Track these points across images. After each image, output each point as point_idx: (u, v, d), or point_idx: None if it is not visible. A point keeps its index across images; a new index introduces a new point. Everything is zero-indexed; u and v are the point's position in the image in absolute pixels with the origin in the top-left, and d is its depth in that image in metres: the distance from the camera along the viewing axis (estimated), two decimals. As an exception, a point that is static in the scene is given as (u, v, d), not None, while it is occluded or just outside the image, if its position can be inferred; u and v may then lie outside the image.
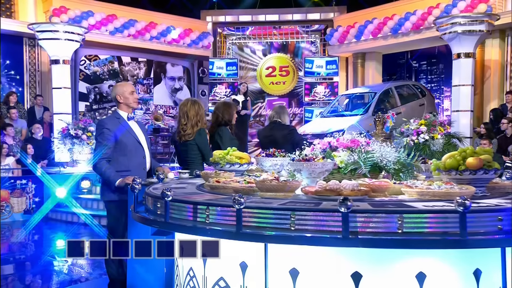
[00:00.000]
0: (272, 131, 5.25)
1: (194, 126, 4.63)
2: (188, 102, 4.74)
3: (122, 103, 4.29)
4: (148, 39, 13.36)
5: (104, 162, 4.06)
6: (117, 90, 4.30)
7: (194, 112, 4.66)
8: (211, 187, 2.99)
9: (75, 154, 9.69)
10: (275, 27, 15.42)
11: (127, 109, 4.34)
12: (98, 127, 4.21)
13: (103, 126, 4.16)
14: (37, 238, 8.08)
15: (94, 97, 12.85)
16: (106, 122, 4.21)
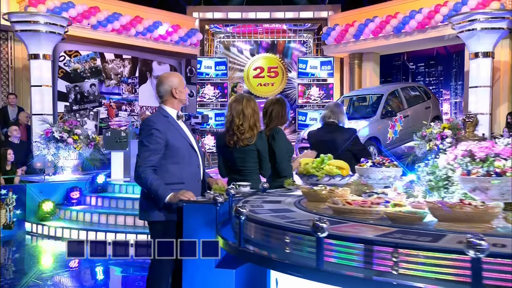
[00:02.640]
0: (330, 135, 4.38)
1: (253, 127, 3.74)
2: (242, 98, 3.84)
3: (176, 99, 3.42)
4: (134, 34, 12.32)
5: (150, 171, 3.17)
6: (173, 82, 3.40)
7: (251, 110, 3.78)
8: (337, 211, 2.13)
9: (60, 160, 8.58)
10: (257, 25, 14.61)
11: (177, 106, 3.47)
12: (145, 127, 3.29)
13: (151, 126, 3.25)
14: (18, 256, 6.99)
15: (74, 96, 11.71)
16: (155, 121, 3.31)
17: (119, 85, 12.43)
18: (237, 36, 14.93)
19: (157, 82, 3.46)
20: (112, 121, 12.29)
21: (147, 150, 3.19)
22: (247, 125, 3.75)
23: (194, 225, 3.04)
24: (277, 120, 4.08)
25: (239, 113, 3.78)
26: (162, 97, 3.41)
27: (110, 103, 12.25)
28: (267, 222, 2.02)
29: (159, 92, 3.41)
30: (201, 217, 3.02)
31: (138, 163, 3.18)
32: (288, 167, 3.97)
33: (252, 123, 3.76)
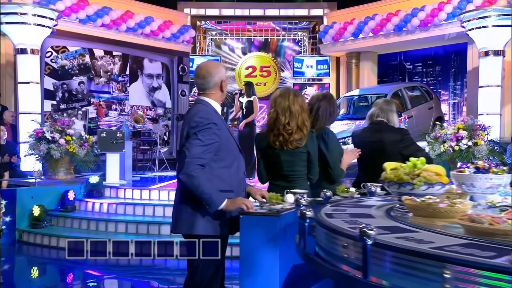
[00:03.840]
0: (377, 135, 3.92)
1: (301, 127, 3.26)
2: (289, 93, 3.35)
3: (222, 92, 3.00)
4: (124, 30, 11.72)
5: (202, 171, 2.69)
6: (222, 73, 2.99)
7: (299, 107, 3.30)
8: (479, 232, 1.67)
9: (53, 162, 7.96)
10: (249, 22, 14.15)
11: (221, 102, 3.03)
12: (198, 120, 2.78)
13: (209, 120, 2.77)
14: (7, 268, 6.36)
15: (62, 95, 11.04)
16: (211, 114, 2.83)
17: (109, 83, 11.79)
18: (230, 34, 14.44)
19: (200, 72, 2.95)
20: (102, 121, 11.65)
21: (201, 145, 2.70)
22: (295, 124, 3.27)
23: (253, 241, 2.56)
24: (325, 118, 3.61)
25: (284, 110, 3.30)
26: (206, 90, 2.93)
27: (99, 102, 11.61)
28: (403, 248, 1.55)
29: (204, 84, 2.92)
30: (261, 232, 2.54)
31: (188, 160, 2.66)
32: (342, 172, 3.52)
33: (300, 122, 3.29)
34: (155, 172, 11.05)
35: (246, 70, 14.67)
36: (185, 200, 2.81)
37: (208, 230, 2.78)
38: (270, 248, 2.51)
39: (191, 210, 2.78)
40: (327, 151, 3.46)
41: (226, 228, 2.84)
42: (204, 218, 2.77)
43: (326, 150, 3.45)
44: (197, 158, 2.66)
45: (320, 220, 2.08)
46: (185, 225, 2.83)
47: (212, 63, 3.07)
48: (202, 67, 2.97)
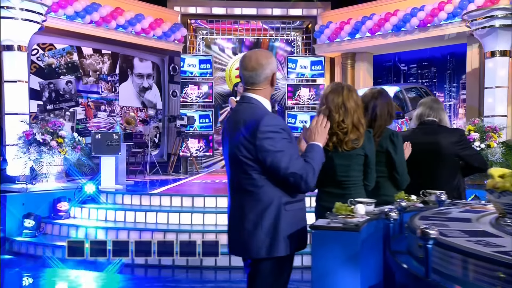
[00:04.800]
0: (432, 137, 3.55)
1: (357, 125, 2.87)
2: (342, 88, 2.95)
3: (272, 87, 2.60)
4: (114, 27, 11.21)
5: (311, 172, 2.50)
6: (274, 65, 2.56)
7: (354, 103, 2.91)
8: None
9: (44, 166, 7.45)
10: (236, 21, 13.78)
11: (269, 98, 2.61)
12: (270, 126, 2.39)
13: (278, 125, 2.42)
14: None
15: (48, 95, 10.47)
16: (276, 118, 2.47)
17: (97, 82, 11.26)
18: (221, 33, 14.03)
19: (248, 64, 2.50)
20: (90, 122, 11.11)
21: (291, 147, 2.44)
22: (350, 122, 2.88)
23: (328, 260, 2.18)
24: (384, 119, 3.23)
25: (338, 107, 2.91)
26: (255, 85, 2.52)
27: (88, 103, 11.07)
28: None
29: (254, 77, 2.50)
30: (339, 249, 2.17)
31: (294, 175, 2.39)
32: (408, 178, 3.16)
33: (356, 120, 2.90)
34: (146, 176, 10.57)
35: (237, 70, 14.25)
36: (258, 220, 2.41)
37: (287, 249, 2.43)
38: (349, 268, 2.14)
39: (267, 231, 2.40)
40: (396, 154, 3.09)
41: (298, 245, 2.50)
42: (283, 237, 2.41)
43: (394, 153, 3.09)
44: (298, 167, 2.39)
45: (432, 237, 1.71)
46: (262, 248, 2.41)
47: (263, 53, 2.60)
48: (251, 58, 2.53)
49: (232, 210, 2.54)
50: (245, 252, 2.46)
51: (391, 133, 3.16)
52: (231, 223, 2.55)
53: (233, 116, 2.59)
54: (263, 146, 2.35)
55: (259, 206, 2.40)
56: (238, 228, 2.48)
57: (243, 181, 2.44)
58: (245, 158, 2.40)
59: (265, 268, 2.43)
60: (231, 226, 2.55)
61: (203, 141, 13.11)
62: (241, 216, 2.46)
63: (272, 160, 2.34)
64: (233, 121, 2.53)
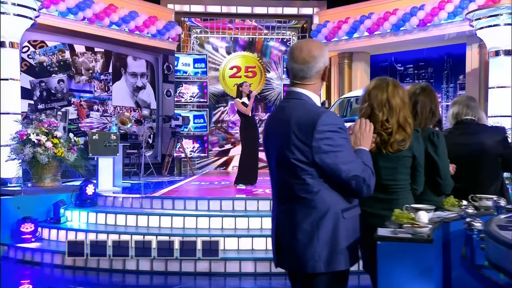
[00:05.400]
0: (473, 137, 3.33)
1: (404, 125, 2.63)
2: (387, 83, 2.71)
3: (323, 82, 2.36)
4: (107, 25, 10.89)
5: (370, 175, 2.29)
6: (326, 57, 2.30)
7: (400, 100, 2.67)
8: None
9: (39, 168, 7.11)
10: (231, 21, 13.54)
11: (318, 94, 2.37)
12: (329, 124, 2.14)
13: (337, 124, 2.17)
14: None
15: (39, 94, 10.10)
16: (336, 116, 2.22)
17: (90, 81, 10.91)
18: (216, 32, 13.77)
19: (299, 55, 2.24)
20: (83, 122, 10.77)
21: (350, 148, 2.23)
22: (395, 121, 2.63)
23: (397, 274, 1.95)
24: (426, 117, 2.99)
25: (382, 104, 2.67)
26: (306, 79, 2.26)
27: (80, 102, 10.72)
28: None
29: (305, 71, 2.24)
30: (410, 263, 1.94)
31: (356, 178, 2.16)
32: (452, 183, 2.92)
33: (402, 119, 2.65)
34: (141, 178, 10.28)
35: (231, 70, 14.04)
36: (314, 230, 2.15)
37: (347, 263, 2.19)
38: (422, 283, 1.92)
39: (324, 242, 2.15)
40: (437, 156, 2.86)
41: (356, 256, 2.26)
42: (342, 249, 2.16)
43: (435, 155, 2.85)
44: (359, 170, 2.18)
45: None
46: (319, 262, 2.15)
47: (316, 43, 2.33)
48: (302, 49, 2.26)
49: (280, 220, 2.27)
50: (299, 266, 2.19)
51: (431, 132, 2.92)
52: (279, 234, 2.29)
53: (279, 114, 2.31)
54: (320, 148, 2.10)
55: (314, 215, 2.15)
56: (288, 239, 2.22)
57: (295, 186, 2.18)
58: (298, 161, 2.14)
59: (321, 283, 2.17)
60: (279, 237, 2.28)
61: (198, 141, 12.84)
62: (292, 226, 2.20)
63: (332, 163, 2.10)
64: (281, 120, 2.26)
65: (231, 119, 14.11)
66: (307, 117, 2.15)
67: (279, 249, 2.29)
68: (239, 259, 5.59)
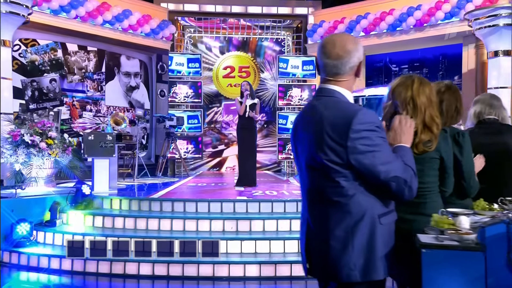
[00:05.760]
0: (498, 136, 3.21)
1: (430, 124, 2.47)
2: (412, 80, 2.55)
3: (356, 78, 2.21)
4: (100, 23, 10.69)
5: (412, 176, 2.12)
6: (361, 52, 2.15)
7: (426, 98, 2.51)
8: None
9: (33, 170, 6.91)
10: (224, 20, 13.39)
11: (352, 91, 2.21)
12: (366, 122, 2.00)
13: (374, 123, 2.02)
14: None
15: (31, 93, 9.87)
16: (373, 113, 2.06)
17: (83, 81, 10.70)
18: (210, 31, 13.61)
19: (332, 50, 2.09)
20: (75, 123, 10.54)
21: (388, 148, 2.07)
22: (420, 120, 2.49)
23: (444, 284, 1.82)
24: (450, 116, 2.87)
25: (406, 102, 2.52)
26: (339, 75, 2.12)
27: (73, 102, 10.50)
28: None
29: (338, 66, 2.10)
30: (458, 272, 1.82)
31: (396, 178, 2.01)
32: (477, 185, 2.79)
33: (428, 118, 2.51)
34: (136, 179, 10.08)
35: (224, 70, 13.90)
36: (348, 237, 2.01)
37: (385, 271, 2.05)
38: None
39: (360, 250, 2.00)
40: (462, 157, 2.73)
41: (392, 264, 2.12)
42: (380, 256, 2.02)
43: (460, 156, 2.73)
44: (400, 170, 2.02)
45: None
46: (354, 270, 2.00)
47: (349, 37, 2.19)
48: (335, 43, 2.11)
49: (311, 225, 2.13)
50: (332, 275, 2.05)
51: (456, 132, 2.79)
52: (310, 240, 2.15)
53: (309, 113, 2.16)
54: (356, 148, 1.96)
55: (348, 220, 2.01)
56: (320, 246, 2.08)
57: (327, 189, 2.04)
58: (332, 163, 2.00)
59: None
60: (310, 244, 2.14)
61: (192, 143, 12.66)
62: (324, 232, 2.06)
63: (369, 164, 1.96)
64: (312, 119, 2.11)
65: (224, 119, 13.96)
66: (341, 116, 2.01)
67: (309, 257, 2.15)
68: (243, 262, 5.44)
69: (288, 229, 6.10)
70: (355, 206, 2.00)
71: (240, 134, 8.41)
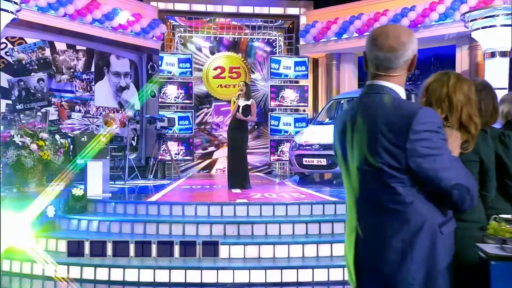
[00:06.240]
0: None
1: (467, 124, 2.30)
2: (448, 76, 2.36)
3: (409, 73, 2.01)
4: (90, 22, 10.41)
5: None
6: (415, 44, 2.00)
7: (463, 96, 2.33)
8: None
9: (24, 172, 6.62)
10: (210, 20, 13.20)
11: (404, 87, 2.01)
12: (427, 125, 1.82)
13: (435, 123, 1.83)
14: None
15: (18, 93, 9.54)
16: (435, 113, 1.87)
17: (71, 81, 10.39)
18: (201, 31, 13.40)
19: (384, 42, 1.92)
20: (64, 123, 10.24)
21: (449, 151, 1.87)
22: (456, 119, 2.31)
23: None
24: (489, 116, 2.72)
25: (441, 100, 2.34)
26: (391, 69, 1.93)
27: (61, 103, 10.19)
28: None
29: (392, 60, 1.92)
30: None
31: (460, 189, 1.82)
32: None
33: (465, 117, 2.32)
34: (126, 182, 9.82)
35: (215, 70, 13.72)
36: (407, 248, 1.82)
37: (446, 286, 1.87)
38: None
39: (420, 262, 1.81)
40: (508, 159, 2.57)
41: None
42: (441, 269, 1.84)
43: (506, 157, 2.57)
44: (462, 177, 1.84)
45: None
46: (414, 284, 1.82)
47: (403, 28, 2.02)
48: (388, 35, 1.95)
49: (361, 235, 1.94)
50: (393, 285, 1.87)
51: (501, 133, 2.64)
52: (360, 251, 1.94)
53: (358, 112, 1.96)
54: (417, 150, 1.77)
55: (406, 230, 1.81)
56: (373, 258, 1.90)
57: (383, 196, 1.85)
58: (387, 167, 1.81)
59: None
60: (360, 255, 1.94)
61: (183, 144, 12.44)
62: (379, 243, 1.86)
63: (430, 168, 1.78)
64: (362, 119, 1.92)
65: (215, 120, 13.77)
66: (399, 115, 1.82)
67: (359, 270, 1.96)
68: (247, 268, 5.25)
69: (291, 233, 5.94)
70: (413, 215, 1.82)
71: (230, 135, 8.26)
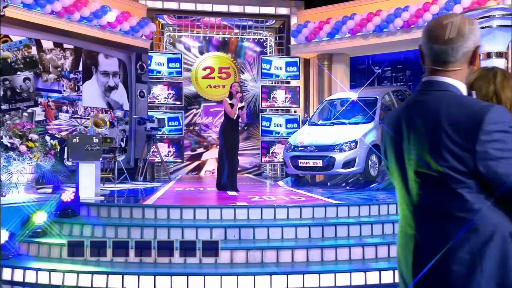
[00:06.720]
0: None
1: None
2: (495, 73, 2.11)
3: (471, 66, 1.80)
4: (77, 19, 10.12)
5: None
6: (477, 34, 1.76)
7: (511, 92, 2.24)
8: None
9: (14, 175, 6.33)
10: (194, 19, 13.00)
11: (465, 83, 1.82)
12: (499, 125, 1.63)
13: (508, 122, 1.62)
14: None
15: (3, 93, 9.20)
16: (506, 111, 1.69)
17: (59, 80, 10.08)
18: (190, 31, 13.18)
19: (440, 32, 1.72)
20: (51, 124, 9.92)
21: None
22: None
23: None
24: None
25: (488, 98, 2.20)
26: (450, 64, 1.73)
27: (48, 103, 9.88)
28: None
29: (449, 53, 1.71)
30: None
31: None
32: None
33: None
34: (116, 184, 9.55)
35: (204, 71, 13.53)
36: (476, 260, 1.63)
37: None
38: None
39: (490, 275, 1.62)
40: None
41: None
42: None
43: None
44: None
45: None
46: None
47: (462, 17, 1.78)
48: (443, 23, 1.74)
49: (422, 245, 1.75)
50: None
51: None
52: (419, 263, 1.74)
53: (416, 111, 1.76)
54: (488, 153, 1.59)
55: (475, 240, 1.63)
56: (437, 271, 1.72)
57: (448, 203, 1.65)
58: (453, 171, 1.63)
59: None
60: (419, 267, 1.75)
61: (174, 146, 12.20)
62: (443, 254, 1.69)
63: (504, 173, 1.59)
64: (421, 118, 1.73)
65: (204, 121, 13.55)
66: (465, 114, 1.63)
67: (419, 284, 1.77)
68: (252, 273, 5.06)
69: (293, 237, 5.77)
70: (482, 223, 1.63)
71: (229, 136, 8.03)
